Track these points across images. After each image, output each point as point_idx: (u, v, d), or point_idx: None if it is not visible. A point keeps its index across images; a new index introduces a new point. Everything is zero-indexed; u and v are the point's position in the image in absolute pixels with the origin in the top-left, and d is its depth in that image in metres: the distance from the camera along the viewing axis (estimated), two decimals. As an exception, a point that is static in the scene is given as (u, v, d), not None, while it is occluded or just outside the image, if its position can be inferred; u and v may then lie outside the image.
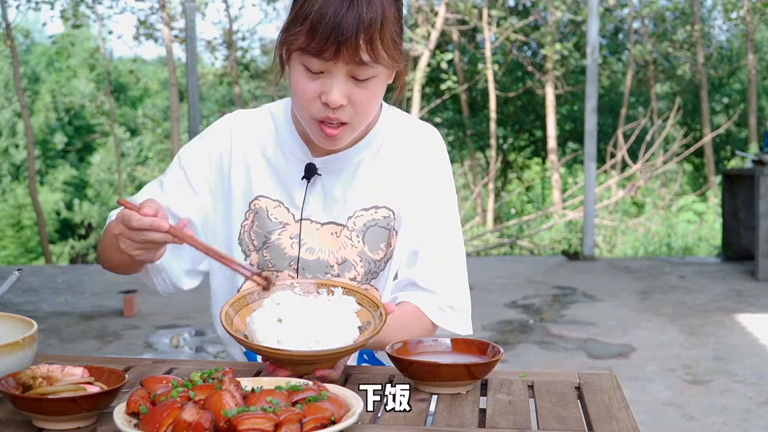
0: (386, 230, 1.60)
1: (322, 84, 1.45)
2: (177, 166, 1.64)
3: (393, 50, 1.46)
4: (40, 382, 1.18)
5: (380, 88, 1.50)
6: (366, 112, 1.50)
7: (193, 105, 9.03)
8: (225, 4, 16.37)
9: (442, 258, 1.61)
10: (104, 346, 5.22)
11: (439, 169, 1.64)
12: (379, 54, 1.43)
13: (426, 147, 1.64)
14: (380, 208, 1.60)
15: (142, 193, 1.65)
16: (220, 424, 1.04)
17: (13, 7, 14.59)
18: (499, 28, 15.56)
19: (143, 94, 23.88)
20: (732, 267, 7.94)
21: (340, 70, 1.43)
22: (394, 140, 1.63)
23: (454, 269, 1.62)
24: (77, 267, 9.50)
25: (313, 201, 1.60)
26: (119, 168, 18.22)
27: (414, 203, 1.61)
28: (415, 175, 1.61)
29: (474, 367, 1.30)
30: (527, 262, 9.21)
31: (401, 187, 1.61)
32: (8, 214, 20.98)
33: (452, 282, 1.61)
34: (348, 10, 1.38)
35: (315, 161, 1.59)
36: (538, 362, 4.75)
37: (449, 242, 1.62)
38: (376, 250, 1.60)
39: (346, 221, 1.59)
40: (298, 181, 1.60)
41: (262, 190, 1.61)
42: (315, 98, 1.46)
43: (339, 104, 1.44)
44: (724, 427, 3.66)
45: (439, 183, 1.63)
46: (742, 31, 17.56)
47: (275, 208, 1.60)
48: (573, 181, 16.32)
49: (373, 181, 1.60)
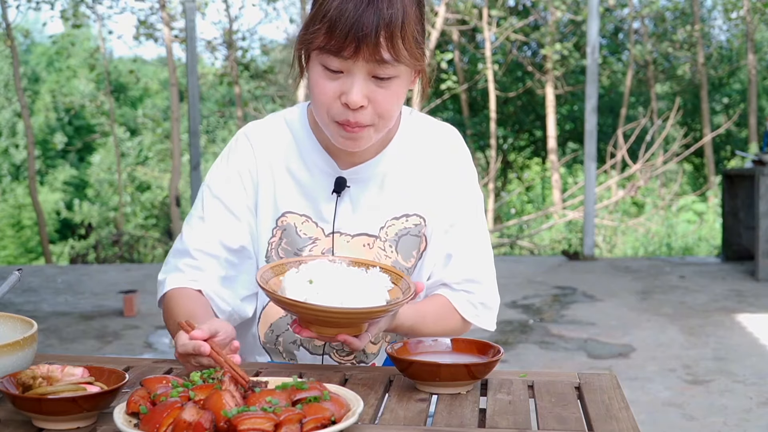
0: (417, 238, 1.59)
1: (342, 84, 1.41)
2: (210, 196, 1.59)
3: (415, 49, 1.42)
4: (40, 382, 1.18)
5: (402, 89, 1.46)
6: (388, 114, 1.46)
7: (193, 105, 9.02)
8: (225, 4, 16.37)
9: (473, 259, 1.61)
10: (104, 346, 5.22)
11: (464, 171, 1.63)
12: (400, 52, 1.39)
13: (450, 150, 1.62)
14: (411, 216, 1.59)
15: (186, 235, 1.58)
16: (220, 424, 1.04)
17: (13, 7, 14.59)
18: (499, 28, 15.56)
19: (143, 94, 23.88)
20: (732, 267, 7.94)
21: (360, 69, 1.40)
22: (417, 146, 1.61)
23: (485, 269, 1.63)
24: (77, 267, 9.50)
25: (341, 213, 1.57)
26: (119, 168, 18.21)
27: (443, 208, 1.60)
28: (442, 180, 1.60)
29: (474, 367, 1.30)
30: (527, 262, 9.21)
31: (429, 193, 1.60)
32: (8, 214, 20.98)
33: (484, 281, 1.63)
34: (368, 7, 1.36)
35: (342, 173, 1.56)
36: (538, 362, 4.75)
37: (479, 243, 1.63)
38: (409, 258, 1.59)
39: (378, 232, 1.58)
40: (325, 194, 1.57)
41: (289, 205, 1.58)
42: (335, 99, 1.43)
43: (359, 104, 1.41)
44: (724, 427, 3.66)
45: (466, 185, 1.63)
46: (742, 31, 17.56)
47: (303, 224, 1.57)
48: (573, 181, 16.32)
49: (402, 189, 1.58)
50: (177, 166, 14.70)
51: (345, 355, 1.61)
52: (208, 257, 1.56)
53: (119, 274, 8.14)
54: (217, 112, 18.93)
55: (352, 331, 1.35)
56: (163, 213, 17.98)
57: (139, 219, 18.01)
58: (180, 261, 1.57)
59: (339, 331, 1.34)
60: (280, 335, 1.61)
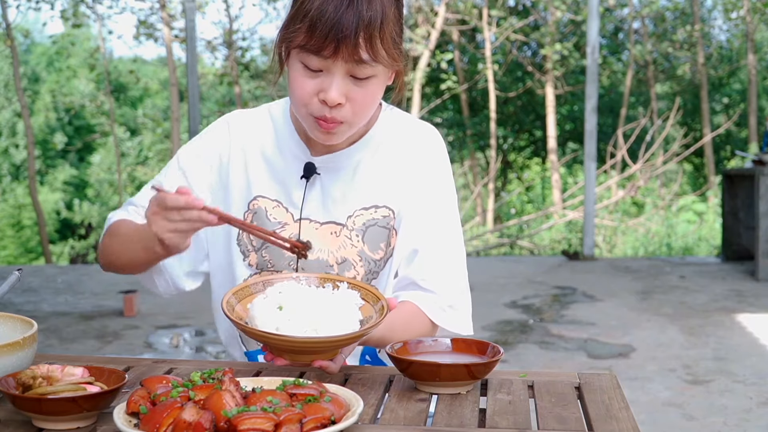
0: (386, 230, 1.60)
1: (321, 82, 1.44)
2: (176, 167, 1.64)
3: (393, 50, 1.45)
4: (40, 382, 1.18)
5: (379, 88, 1.49)
6: (364, 112, 1.49)
7: (193, 105, 9.03)
8: (225, 3, 16.37)
9: (441, 257, 1.60)
10: (104, 346, 5.22)
11: (439, 168, 1.64)
12: (378, 53, 1.42)
13: (425, 146, 1.63)
14: (380, 207, 1.60)
15: (142, 194, 1.65)
16: (220, 424, 1.04)
17: (13, 7, 14.59)
18: (499, 28, 15.57)
19: (143, 94, 23.88)
20: (732, 267, 7.94)
21: (339, 68, 1.42)
22: (393, 140, 1.62)
23: (454, 269, 1.62)
24: (77, 267, 9.50)
25: (311, 200, 1.59)
26: (119, 168, 18.22)
27: (414, 202, 1.60)
28: (415, 175, 1.61)
29: (474, 367, 1.30)
30: (527, 262, 9.21)
31: (401, 186, 1.60)
32: (8, 214, 20.98)
33: (452, 282, 1.61)
34: (348, 8, 1.38)
35: (314, 160, 1.59)
36: (538, 362, 4.75)
37: (449, 241, 1.62)
38: (376, 250, 1.60)
39: (345, 221, 1.59)
40: (296, 180, 1.60)
41: (261, 190, 1.61)
42: (313, 96, 1.45)
43: (337, 102, 1.44)
44: (724, 427, 3.66)
45: (439, 182, 1.63)
46: (742, 31, 17.56)
47: (274, 208, 1.60)
48: (573, 181, 16.32)
49: (373, 181, 1.60)
50: (177, 166, 14.67)
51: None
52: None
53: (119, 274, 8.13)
54: (217, 112, 18.91)
55: (328, 356, 1.34)
56: (163, 213, 17.95)
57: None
58: (128, 207, 1.64)
59: (314, 358, 1.32)
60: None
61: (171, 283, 1.63)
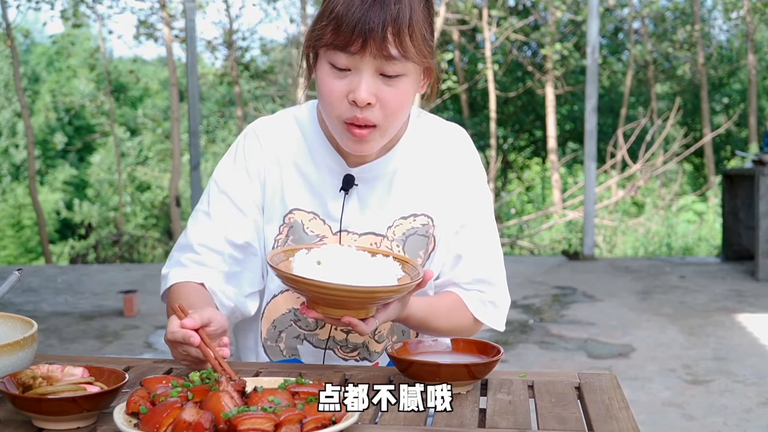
0: (425, 238, 1.59)
1: (350, 82, 1.41)
2: (217, 191, 1.59)
3: (423, 46, 1.42)
4: (40, 382, 1.18)
5: (410, 89, 1.45)
6: (396, 114, 1.45)
7: (193, 105, 9.02)
8: (225, 3, 16.37)
9: (484, 260, 1.61)
10: (104, 346, 5.22)
11: (473, 171, 1.63)
12: (407, 49, 1.39)
13: (457, 151, 1.62)
14: (419, 215, 1.58)
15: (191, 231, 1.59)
16: (220, 425, 1.04)
17: (13, 7, 14.59)
18: (499, 28, 15.56)
19: (143, 94, 23.87)
20: (732, 267, 7.93)
21: (368, 65, 1.39)
22: (425, 146, 1.60)
23: (495, 269, 1.63)
24: (77, 267, 9.50)
25: (349, 211, 1.57)
26: (119, 168, 18.20)
27: (452, 209, 1.60)
28: (451, 180, 1.60)
29: (474, 367, 1.30)
30: (527, 262, 9.21)
31: (437, 193, 1.59)
32: (8, 214, 20.97)
33: (495, 281, 1.62)
34: (374, 4, 1.36)
35: (351, 171, 1.56)
36: (538, 362, 4.75)
37: (489, 244, 1.63)
38: (415, 258, 1.58)
39: (385, 231, 1.57)
40: (333, 192, 1.56)
41: (297, 203, 1.57)
42: (342, 97, 1.42)
43: (366, 102, 1.40)
44: (724, 427, 3.66)
45: (475, 185, 1.62)
46: (742, 31, 17.56)
47: (311, 221, 1.57)
48: (573, 181, 16.32)
49: (410, 189, 1.58)
50: (177, 166, 14.70)
51: (349, 351, 1.60)
52: (212, 252, 1.56)
53: (119, 274, 8.14)
54: (217, 112, 18.93)
55: (360, 313, 1.34)
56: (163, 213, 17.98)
57: (139, 219, 18.00)
58: (183, 256, 1.58)
59: (345, 313, 1.33)
60: (283, 331, 1.61)
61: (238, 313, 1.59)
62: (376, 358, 1.62)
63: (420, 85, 1.49)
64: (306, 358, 1.61)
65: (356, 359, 1.61)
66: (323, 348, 1.60)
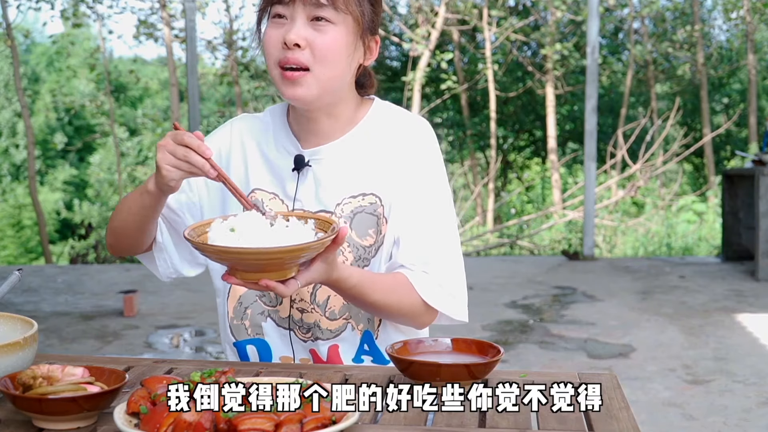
0: (374, 216, 1.62)
1: (285, 29, 1.53)
2: None
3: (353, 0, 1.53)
4: (40, 382, 1.18)
5: (342, 39, 1.54)
6: (325, 58, 1.53)
7: (193, 105, 9.03)
8: (225, 3, 16.37)
9: (429, 242, 1.61)
10: (104, 346, 5.22)
11: (429, 158, 1.65)
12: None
13: (415, 138, 1.65)
14: (367, 194, 1.62)
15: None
16: (220, 425, 1.04)
17: (13, 6, 14.59)
18: (499, 28, 15.56)
19: (143, 94, 23.88)
20: (732, 267, 7.94)
21: (299, 12, 1.52)
22: (383, 131, 1.65)
23: (444, 252, 1.61)
24: (77, 267, 9.50)
25: (304, 191, 1.64)
26: (119, 168, 18.20)
27: (402, 191, 1.62)
28: (404, 164, 1.63)
29: (474, 367, 1.30)
30: (527, 262, 9.21)
31: (389, 174, 1.62)
32: (8, 214, 20.97)
33: (442, 263, 1.61)
34: None
35: (304, 152, 1.64)
36: (538, 362, 4.75)
37: (437, 227, 1.62)
38: (364, 236, 1.62)
39: (334, 208, 1.62)
40: (289, 173, 1.64)
41: (258, 183, 1.67)
42: (278, 43, 1.54)
43: (294, 42, 1.51)
44: (724, 427, 3.66)
45: (428, 172, 1.64)
46: (742, 31, 17.55)
47: (271, 200, 1.65)
48: (573, 181, 16.31)
49: (361, 169, 1.63)
50: (177, 166, 14.65)
51: (305, 332, 1.64)
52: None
53: (119, 274, 8.14)
54: (217, 112, 18.90)
55: (278, 275, 1.35)
56: (163, 213, 17.94)
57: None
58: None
59: (263, 276, 1.34)
60: (248, 307, 1.66)
61: (170, 264, 1.70)
62: (329, 336, 1.63)
63: (358, 43, 1.58)
64: (271, 338, 1.65)
65: (311, 339, 1.64)
66: (286, 328, 1.64)
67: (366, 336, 1.65)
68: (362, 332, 1.64)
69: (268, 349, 1.66)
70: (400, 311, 1.58)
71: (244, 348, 1.67)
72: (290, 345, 1.65)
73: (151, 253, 1.70)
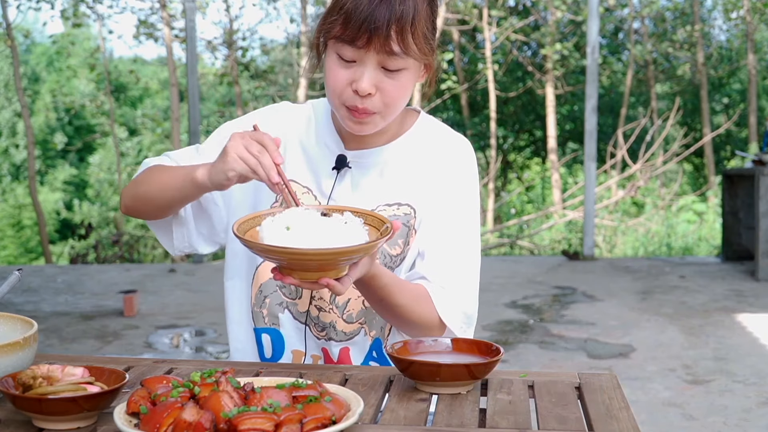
0: (406, 227, 1.63)
1: (354, 72, 1.50)
2: (216, 139, 1.70)
3: (423, 44, 1.51)
4: (40, 382, 1.18)
5: (410, 82, 1.54)
6: (394, 103, 1.54)
7: (193, 105, 9.03)
8: (225, 3, 16.37)
9: (455, 259, 1.62)
10: (104, 346, 5.22)
11: (466, 178, 1.67)
12: (409, 46, 1.48)
13: (455, 155, 1.67)
14: (402, 205, 1.64)
15: (182, 151, 1.73)
16: (220, 425, 1.04)
17: (13, 6, 14.59)
18: (499, 28, 15.57)
19: (143, 94, 23.89)
20: (732, 267, 7.94)
21: (371, 59, 1.49)
22: (425, 145, 1.67)
23: (466, 272, 1.63)
24: (77, 267, 9.50)
25: (340, 191, 1.64)
26: (119, 168, 18.20)
27: (436, 205, 1.64)
28: (442, 180, 1.65)
29: (474, 367, 1.30)
30: (527, 262, 9.21)
31: (426, 188, 1.64)
32: (8, 214, 20.97)
33: (462, 284, 1.62)
34: (381, 3, 1.46)
35: (347, 153, 1.64)
36: (538, 362, 4.75)
37: (465, 246, 1.64)
38: (394, 246, 1.63)
39: None
40: (328, 170, 1.65)
41: (294, 175, 1.66)
42: (346, 85, 1.52)
43: (367, 92, 1.49)
44: (724, 427, 3.66)
45: (464, 191, 1.66)
46: (742, 31, 17.56)
47: (304, 194, 1.65)
48: (573, 181, 16.32)
49: (399, 179, 1.64)
50: (177, 166, 14.65)
51: (320, 330, 1.64)
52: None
53: (119, 274, 8.14)
54: (217, 112, 18.91)
55: (335, 273, 1.35)
56: (163, 213, 17.94)
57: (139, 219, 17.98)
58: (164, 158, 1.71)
59: (321, 275, 1.34)
60: (268, 296, 1.66)
61: (187, 238, 1.69)
62: (342, 338, 1.64)
63: (419, 75, 1.59)
64: (286, 330, 1.65)
65: (325, 338, 1.64)
66: (303, 323, 1.64)
67: (376, 343, 1.66)
68: (373, 339, 1.66)
69: (282, 340, 1.66)
70: (418, 320, 1.58)
71: (260, 336, 1.67)
72: (304, 340, 1.65)
73: (167, 222, 1.69)
